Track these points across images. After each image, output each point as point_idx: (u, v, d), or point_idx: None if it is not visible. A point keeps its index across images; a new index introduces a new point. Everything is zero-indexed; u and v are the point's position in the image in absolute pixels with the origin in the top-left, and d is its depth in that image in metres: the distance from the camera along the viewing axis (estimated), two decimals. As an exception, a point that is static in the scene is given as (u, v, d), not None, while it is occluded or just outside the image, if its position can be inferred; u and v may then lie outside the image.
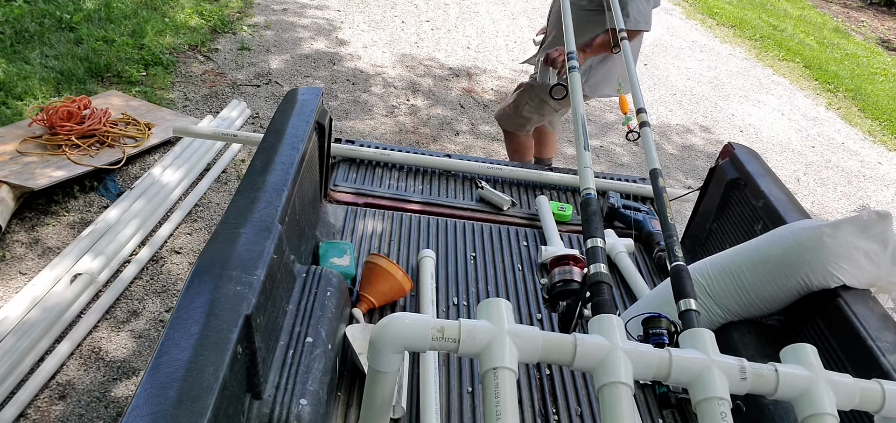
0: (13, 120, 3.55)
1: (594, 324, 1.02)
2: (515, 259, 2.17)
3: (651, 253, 2.32)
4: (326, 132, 2.04)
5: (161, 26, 5.05)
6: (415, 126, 4.55)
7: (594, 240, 1.21)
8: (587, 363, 0.96)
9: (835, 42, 8.58)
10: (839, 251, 1.60)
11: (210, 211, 3.30)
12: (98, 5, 5.02)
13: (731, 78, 6.64)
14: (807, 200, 4.69)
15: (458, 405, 1.57)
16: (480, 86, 5.36)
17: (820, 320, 1.62)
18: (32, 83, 3.88)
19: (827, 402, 0.99)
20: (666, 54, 6.92)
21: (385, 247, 2.13)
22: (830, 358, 1.54)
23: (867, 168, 5.38)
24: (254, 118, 4.25)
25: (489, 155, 4.31)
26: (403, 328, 0.95)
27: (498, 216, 2.42)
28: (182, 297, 1.21)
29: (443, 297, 1.95)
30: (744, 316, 1.76)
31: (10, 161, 3.14)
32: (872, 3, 11.05)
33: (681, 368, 0.98)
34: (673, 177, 4.60)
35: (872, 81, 7.37)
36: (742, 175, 2.15)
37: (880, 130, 6.16)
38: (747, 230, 2.06)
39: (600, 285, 1.13)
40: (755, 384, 0.99)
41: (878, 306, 1.59)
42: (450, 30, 6.46)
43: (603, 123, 5.14)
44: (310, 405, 1.25)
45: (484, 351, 0.93)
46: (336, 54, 5.41)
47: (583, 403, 1.67)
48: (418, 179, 2.57)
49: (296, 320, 1.45)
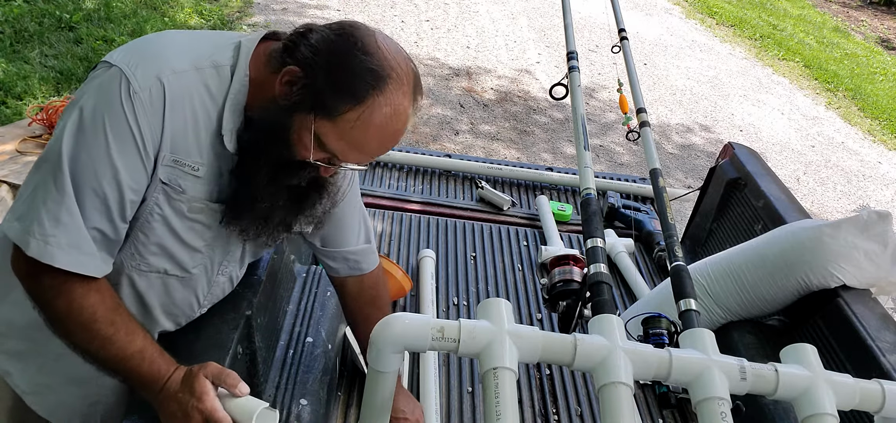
0: (13, 119, 3.54)
1: (594, 324, 1.02)
2: (515, 259, 2.17)
3: (651, 253, 2.32)
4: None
5: (161, 26, 5.05)
6: (414, 126, 4.55)
7: (594, 240, 1.21)
8: (587, 362, 0.96)
9: (835, 41, 8.58)
10: (839, 251, 1.60)
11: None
12: (98, 5, 5.01)
13: (730, 77, 6.64)
14: (807, 200, 4.69)
15: (458, 405, 1.57)
16: (480, 85, 5.36)
17: (820, 320, 1.62)
18: (32, 83, 3.88)
19: (827, 402, 0.99)
20: (666, 54, 6.92)
21: (385, 247, 2.13)
22: (830, 358, 1.54)
23: (867, 168, 5.38)
24: (254, 118, 4.25)
25: (489, 155, 4.31)
26: (403, 328, 0.95)
27: (498, 216, 2.42)
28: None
29: (443, 297, 1.95)
30: (744, 316, 1.76)
31: (10, 161, 3.14)
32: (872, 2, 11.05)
33: (681, 368, 0.98)
34: (673, 177, 4.60)
35: (872, 80, 7.37)
36: (742, 175, 2.15)
37: (880, 130, 6.16)
38: (747, 230, 2.06)
39: (600, 285, 1.13)
40: (755, 384, 0.99)
41: (878, 306, 1.59)
42: (449, 29, 6.46)
43: (603, 123, 5.14)
44: (310, 405, 1.25)
45: (484, 351, 0.93)
46: (336, 54, 5.41)
47: (583, 403, 1.67)
48: (418, 179, 2.57)
49: (296, 320, 1.45)
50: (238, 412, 0.91)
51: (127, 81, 0.86)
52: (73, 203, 0.86)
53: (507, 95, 5.28)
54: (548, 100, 5.11)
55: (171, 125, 0.89)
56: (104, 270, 0.91)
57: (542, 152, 4.52)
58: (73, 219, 0.86)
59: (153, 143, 0.89)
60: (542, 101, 5.24)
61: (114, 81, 0.86)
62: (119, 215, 0.90)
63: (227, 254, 1.08)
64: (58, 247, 0.85)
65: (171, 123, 0.89)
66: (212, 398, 0.90)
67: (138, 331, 0.94)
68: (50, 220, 0.85)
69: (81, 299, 0.89)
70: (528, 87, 5.50)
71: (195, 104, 0.91)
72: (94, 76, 0.90)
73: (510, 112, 4.99)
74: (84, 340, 0.91)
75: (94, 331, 0.90)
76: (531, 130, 4.77)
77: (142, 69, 0.87)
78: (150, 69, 0.88)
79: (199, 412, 0.89)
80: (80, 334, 0.91)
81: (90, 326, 0.90)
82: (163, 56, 0.90)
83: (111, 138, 0.86)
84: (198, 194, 0.96)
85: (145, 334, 0.95)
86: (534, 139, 4.66)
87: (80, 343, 0.92)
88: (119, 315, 0.92)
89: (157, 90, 0.87)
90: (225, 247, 1.07)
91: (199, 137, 0.92)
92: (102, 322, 0.90)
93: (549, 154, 4.52)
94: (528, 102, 5.23)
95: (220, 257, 1.07)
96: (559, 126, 4.92)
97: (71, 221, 0.86)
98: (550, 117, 5.03)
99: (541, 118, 4.99)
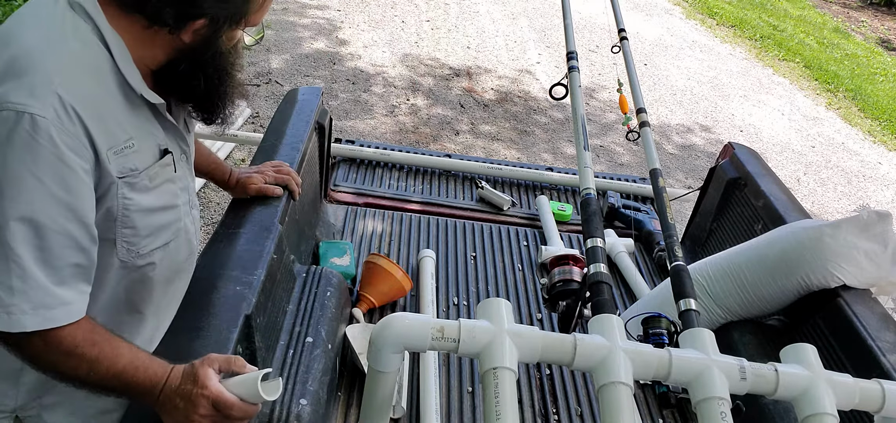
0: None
1: (594, 324, 1.02)
2: (515, 259, 2.17)
3: (651, 253, 2.32)
4: (326, 132, 2.04)
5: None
6: (415, 126, 4.55)
7: (594, 240, 1.21)
8: (587, 362, 0.96)
9: (835, 42, 8.58)
10: (839, 251, 1.60)
11: (210, 211, 3.30)
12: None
13: (731, 78, 6.64)
14: (807, 200, 4.69)
15: (458, 405, 1.57)
16: (480, 85, 5.36)
17: (820, 320, 1.62)
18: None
19: (827, 402, 0.99)
20: (666, 54, 6.92)
21: (385, 247, 2.13)
22: (830, 358, 1.54)
23: (867, 168, 5.38)
24: (254, 118, 4.25)
25: (489, 155, 4.31)
26: (403, 328, 0.95)
27: (498, 216, 2.42)
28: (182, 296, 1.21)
29: (443, 297, 1.95)
30: (744, 316, 1.76)
31: None
32: (872, 3, 11.05)
33: (681, 368, 0.98)
34: (673, 177, 4.60)
35: (872, 80, 7.37)
36: (742, 175, 2.15)
37: (880, 130, 6.16)
38: (747, 230, 2.06)
39: (600, 285, 1.13)
40: (755, 384, 0.99)
41: (878, 306, 1.59)
42: (450, 29, 6.46)
43: (603, 123, 5.14)
44: (310, 405, 1.25)
45: (484, 351, 0.93)
46: (336, 54, 5.41)
47: (583, 403, 1.67)
48: (418, 179, 2.57)
49: (296, 320, 1.45)
50: (242, 388, 0.91)
51: (27, 117, 0.79)
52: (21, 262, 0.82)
53: (507, 95, 5.28)
54: (548, 100, 5.11)
55: (90, 124, 0.85)
56: (81, 308, 0.89)
57: (542, 152, 4.52)
58: (28, 279, 0.82)
59: (87, 154, 0.86)
60: (542, 101, 5.24)
61: (7, 126, 0.79)
62: (90, 240, 0.89)
63: (186, 184, 1.12)
64: (21, 313, 0.82)
65: (89, 121, 0.85)
66: (216, 383, 0.89)
67: (122, 344, 0.92)
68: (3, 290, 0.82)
69: (56, 337, 0.87)
70: (529, 87, 5.50)
71: (94, 89, 0.88)
72: None
73: (510, 112, 5.00)
74: (71, 370, 0.89)
75: (79, 357, 0.88)
76: (531, 130, 4.77)
77: (27, 93, 0.80)
78: (37, 86, 0.81)
79: (205, 397, 0.88)
80: (65, 366, 0.88)
81: (71, 356, 0.87)
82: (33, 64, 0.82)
83: (49, 180, 0.82)
84: (147, 162, 0.96)
85: (130, 346, 0.93)
86: (534, 139, 4.66)
87: (70, 375, 0.89)
88: (98, 334, 0.90)
89: (57, 103, 0.82)
90: (184, 182, 1.09)
91: (114, 115, 0.90)
92: (86, 347, 0.88)
93: (549, 154, 4.52)
94: (528, 102, 5.23)
95: (185, 194, 1.11)
96: (559, 126, 4.92)
97: (25, 282, 0.82)
98: (550, 117, 5.03)
99: (541, 118, 5.00)
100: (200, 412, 0.88)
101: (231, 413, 0.89)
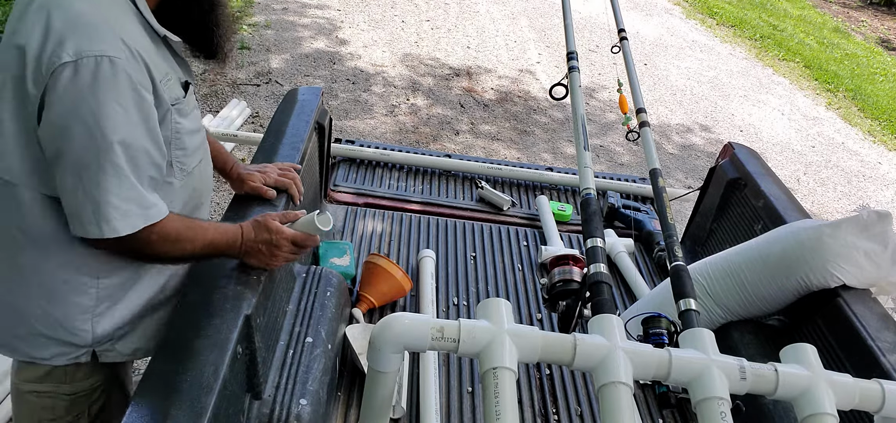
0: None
1: (594, 324, 1.02)
2: (515, 259, 2.17)
3: (651, 253, 2.32)
4: (326, 132, 2.04)
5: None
6: (415, 126, 4.55)
7: (594, 240, 1.21)
8: (587, 362, 0.96)
9: (835, 42, 8.58)
10: (839, 251, 1.60)
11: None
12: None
13: (731, 78, 6.64)
14: (807, 200, 4.69)
15: (458, 405, 1.57)
16: (480, 85, 5.36)
17: (820, 320, 1.62)
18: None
19: (827, 402, 0.99)
20: (666, 54, 6.92)
21: (385, 247, 2.13)
22: (830, 358, 1.54)
23: (867, 168, 5.38)
24: (254, 118, 4.25)
25: (489, 155, 4.31)
26: (403, 328, 0.95)
27: (498, 216, 2.42)
28: (182, 296, 1.21)
29: (443, 297, 1.95)
30: (744, 316, 1.76)
31: None
32: (872, 3, 11.05)
33: (681, 368, 0.98)
34: (673, 177, 4.60)
35: (872, 80, 7.37)
36: (742, 175, 2.15)
37: (880, 130, 6.16)
38: (747, 230, 2.06)
39: (600, 285, 1.13)
40: (755, 384, 0.99)
41: (878, 306, 1.59)
42: (450, 29, 6.46)
43: (603, 123, 5.14)
44: (310, 405, 1.25)
45: (484, 351, 0.93)
46: (336, 54, 5.41)
47: (583, 403, 1.67)
48: (418, 179, 2.57)
49: (296, 320, 1.45)
50: (305, 227, 1.25)
51: (106, 59, 0.95)
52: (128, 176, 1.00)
53: (507, 95, 5.28)
54: (548, 100, 5.11)
55: (148, 61, 1.02)
56: (166, 207, 1.09)
57: (543, 152, 4.52)
58: (134, 189, 1.01)
59: (149, 86, 1.02)
60: (542, 101, 5.24)
61: (90, 69, 0.94)
62: (161, 156, 1.07)
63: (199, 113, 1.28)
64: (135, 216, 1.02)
65: (147, 59, 1.02)
66: (286, 228, 1.22)
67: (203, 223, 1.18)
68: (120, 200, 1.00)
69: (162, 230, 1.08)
70: (529, 87, 5.50)
71: (137, 34, 1.03)
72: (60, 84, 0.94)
73: (510, 112, 5.00)
74: (179, 251, 1.12)
75: (185, 240, 1.12)
76: (531, 130, 4.77)
77: (100, 42, 0.95)
78: (105, 36, 0.96)
79: (285, 239, 1.21)
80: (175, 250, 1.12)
81: (178, 241, 1.11)
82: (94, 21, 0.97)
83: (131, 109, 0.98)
84: (180, 93, 1.13)
85: (208, 222, 1.21)
86: (534, 139, 4.66)
87: (179, 256, 1.14)
88: (188, 221, 1.14)
89: (123, 46, 0.97)
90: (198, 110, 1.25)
91: (151, 55, 1.04)
92: (184, 231, 1.11)
93: (549, 154, 4.52)
94: (528, 102, 5.23)
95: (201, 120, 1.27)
96: (559, 126, 4.92)
97: (133, 191, 1.01)
98: (550, 117, 5.03)
99: (541, 118, 4.99)
100: (284, 250, 1.22)
101: (306, 243, 1.24)
